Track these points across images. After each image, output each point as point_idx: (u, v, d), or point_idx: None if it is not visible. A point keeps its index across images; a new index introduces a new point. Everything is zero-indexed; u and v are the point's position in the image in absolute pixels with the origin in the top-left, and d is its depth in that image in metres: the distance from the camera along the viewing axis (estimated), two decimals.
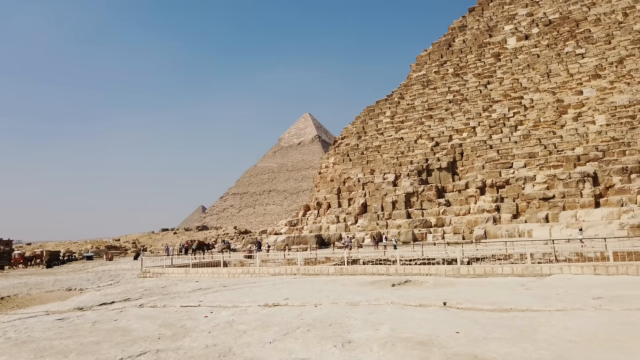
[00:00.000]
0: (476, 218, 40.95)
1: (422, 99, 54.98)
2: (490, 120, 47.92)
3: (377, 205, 47.62)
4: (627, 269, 19.94)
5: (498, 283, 20.24)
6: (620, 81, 43.41)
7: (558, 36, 50.60)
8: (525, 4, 56.15)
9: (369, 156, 52.88)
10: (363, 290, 19.78)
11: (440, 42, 60.09)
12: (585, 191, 37.37)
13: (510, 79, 50.18)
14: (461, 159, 46.85)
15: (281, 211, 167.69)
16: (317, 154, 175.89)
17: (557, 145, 41.79)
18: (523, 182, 40.88)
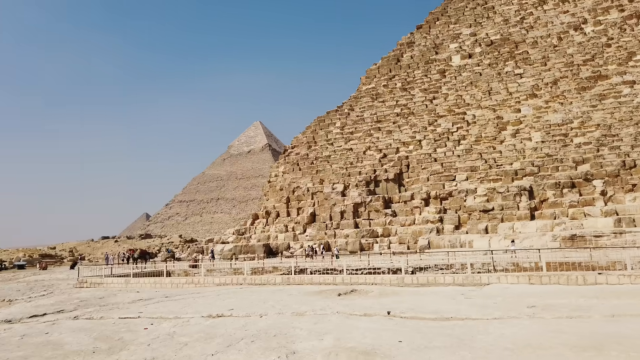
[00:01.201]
0: (421, 228, 42.06)
1: (371, 112, 56.11)
2: (435, 134, 49.56)
3: (325, 215, 47.91)
4: (558, 278, 21.08)
5: (440, 292, 20.82)
6: (555, 101, 46.21)
7: (499, 56, 53.27)
8: (469, 24, 58.80)
9: (318, 166, 53.22)
10: (309, 300, 19.76)
11: (389, 57, 61.69)
12: (522, 204, 39.33)
13: (455, 95, 52.22)
14: (407, 171, 48.08)
15: (229, 220, 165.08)
16: (267, 163, 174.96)
17: (496, 159, 43.79)
18: (465, 195, 42.47)
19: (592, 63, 47.13)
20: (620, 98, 43.07)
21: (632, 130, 40.11)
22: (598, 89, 44.87)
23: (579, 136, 42.14)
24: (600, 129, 41.52)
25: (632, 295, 17.30)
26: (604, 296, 17.38)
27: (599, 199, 37.07)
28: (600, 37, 48.94)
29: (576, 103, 44.74)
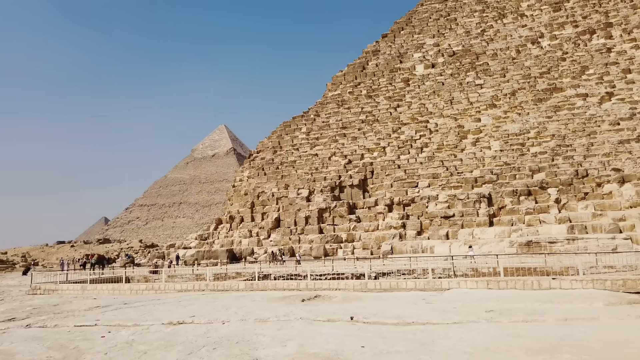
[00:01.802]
0: (384, 234, 42.60)
1: (337, 118, 56.53)
2: (399, 141, 50.40)
3: (290, 220, 47.82)
4: (515, 283, 21.79)
5: (402, 297, 21.15)
6: (513, 111, 47.88)
7: (460, 67, 54.79)
8: (433, 35, 60.25)
9: (284, 171, 53.13)
10: (273, 306, 19.67)
11: (355, 64, 62.40)
12: (481, 211, 40.46)
13: (418, 104, 53.31)
14: (372, 177, 48.65)
15: (192, 224, 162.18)
16: (231, 167, 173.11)
17: (457, 167, 44.92)
18: (427, 201, 43.34)
19: (548, 76, 49.15)
20: (574, 110, 45.06)
21: (585, 141, 42.01)
22: (553, 100, 46.80)
23: (535, 146, 43.78)
24: (555, 139, 43.28)
25: (584, 300, 18.09)
26: (558, 300, 18.09)
27: (554, 206, 38.58)
28: (556, 51, 51.11)
29: (533, 114, 46.50)
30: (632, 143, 40.20)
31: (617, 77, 46.09)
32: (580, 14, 53.60)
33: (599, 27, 51.25)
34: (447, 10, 62.35)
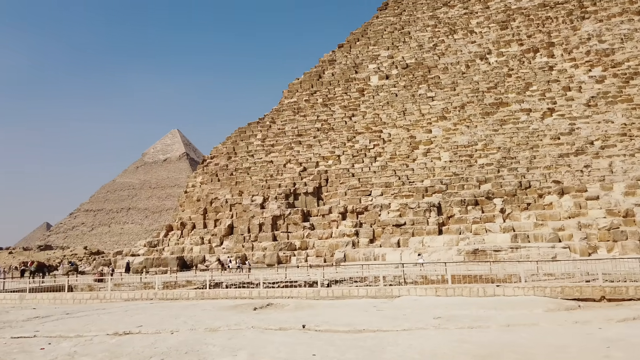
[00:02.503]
0: (337, 242, 42.96)
1: (293, 125, 56.66)
2: (353, 150, 51.10)
3: (244, 227, 47.34)
4: (462, 290, 22.54)
5: (354, 305, 21.39)
6: (462, 124, 49.67)
7: (413, 79, 56.35)
8: (387, 47, 61.67)
9: (238, 177, 52.59)
10: (224, 315, 19.39)
11: (311, 73, 62.86)
12: (431, 219, 41.61)
13: (372, 114, 54.31)
14: (326, 185, 49.01)
15: (141, 231, 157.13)
16: (184, 172, 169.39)
17: (409, 177, 46.04)
18: (379, 209, 44.11)
19: (495, 91, 51.39)
20: (518, 124, 47.30)
21: (528, 154, 44.15)
22: (499, 114, 48.95)
23: (483, 157, 45.56)
24: (500, 152, 45.22)
25: (525, 306, 18.95)
26: (501, 307, 18.86)
27: (499, 216, 40.23)
28: (502, 68, 53.56)
29: (480, 127, 48.43)
30: (571, 157, 42.62)
31: (558, 94, 48.82)
32: (525, 33, 56.47)
33: (542, 46, 54.19)
34: (402, 23, 64.07)
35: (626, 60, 49.55)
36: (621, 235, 35.47)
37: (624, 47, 50.90)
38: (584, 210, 38.27)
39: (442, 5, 64.06)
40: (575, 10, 56.56)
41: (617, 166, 40.55)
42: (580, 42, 53.13)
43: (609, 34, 52.77)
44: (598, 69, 49.94)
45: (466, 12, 62.00)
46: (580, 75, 50.01)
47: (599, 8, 55.81)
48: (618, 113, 45.05)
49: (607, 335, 13.48)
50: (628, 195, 38.16)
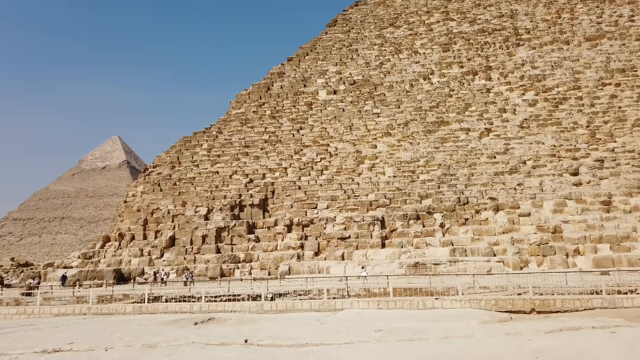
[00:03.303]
0: (282, 254, 42.82)
1: (240, 136, 56.20)
2: (300, 162, 51.36)
3: (186, 238, 46.16)
4: (403, 303, 23.11)
5: (297, 318, 21.39)
6: (406, 140, 51.28)
7: (360, 95, 57.67)
8: (336, 63, 62.84)
9: (181, 187, 51.33)
10: (163, 330, 18.79)
11: (260, 85, 62.82)
12: (375, 233, 42.46)
13: (320, 128, 54.95)
14: (272, 197, 48.85)
15: (75, 242, 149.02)
16: (124, 181, 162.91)
17: (354, 190, 46.83)
18: (325, 222, 44.49)
19: (437, 110, 53.54)
20: (458, 142, 49.45)
21: (466, 171, 46.19)
22: (441, 133, 50.98)
23: (424, 173, 47.18)
24: (441, 168, 47.03)
25: (462, 319, 19.72)
26: (439, 319, 19.52)
27: (438, 230, 41.69)
28: (444, 88, 55.96)
29: (423, 144, 50.19)
30: (506, 175, 45.03)
31: (494, 115, 51.58)
32: (465, 56, 59.40)
33: (481, 69, 57.19)
34: (350, 41, 65.55)
35: (556, 86, 53.24)
36: (550, 250, 37.76)
37: (554, 73, 54.70)
38: (517, 226, 40.45)
39: (389, 26, 66.24)
40: (511, 37, 60.23)
41: (547, 185, 43.26)
42: (515, 67, 56.55)
43: (541, 60, 56.56)
44: (531, 93, 53.29)
45: (411, 33, 64.42)
46: (515, 99, 53.14)
47: (533, 36, 59.77)
48: (548, 135, 48.18)
49: (536, 346, 14.28)
50: (556, 212, 40.76)
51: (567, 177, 43.69)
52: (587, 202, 41.07)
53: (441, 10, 66.71)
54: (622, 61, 54.28)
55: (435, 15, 66.32)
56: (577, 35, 58.60)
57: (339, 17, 70.34)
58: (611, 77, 52.77)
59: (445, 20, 65.11)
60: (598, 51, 56.24)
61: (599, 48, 56.61)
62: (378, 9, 69.72)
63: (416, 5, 68.64)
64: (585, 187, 42.49)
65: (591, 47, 56.93)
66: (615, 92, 51.10)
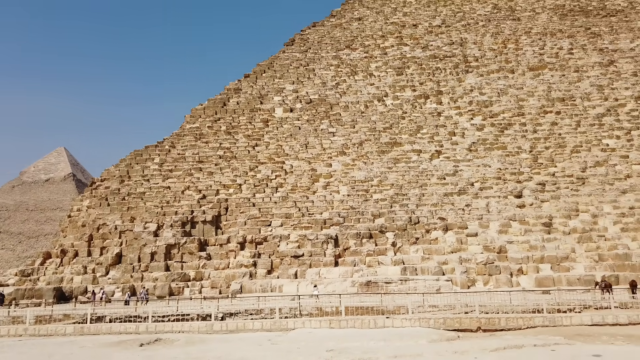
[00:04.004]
0: (234, 272, 42.14)
1: (194, 151, 55.31)
2: (255, 179, 51.07)
3: (133, 255, 44.57)
4: (354, 322, 23.25)
5: (248, 338, 21.05)
6: (360, 160, 52.15)
7: (316, 114, 58.32)
8: (292, 81, 63.39)
9: (130, 202, 49.70)
10: (105, 353, 18.00)
11: (216, 100, 62.30)
12: (328, 251, 42.65)
13: (276, 145, 55.00)
14: (226, 214, 48.17)
15: (12, 258, 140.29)
16: (69, 195, 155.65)
17: (309, 208, 46.98)
18: (279, 240, 44.27)
19: (390, 131, 54.91)
20: (410, 163, 50.80)
21: (417, 192, 47.44)
22: (394, 153, 52.25)
23: (377, 193, 48.04)
24: (393, 188, 48.07)
25: (411, 337, 20.05)
26: (390, 338, 19.77)
27: (390, 249, 42.43)
28: (397, 110, 57.56)
29: (376, 164, 51.21)
30: (454, 196, 46.58)
31: (444, 138, 53.46)
32: (417, 80, 61.50)
33: (432, 93, 59.33)
34: (307, 60, 66.42)
35: (502, 112, 55.96)
36: (495, 270, 39.20)
37: (500, 100, 57.52)
38: (465, 246, 41.80)
39: (345, 48, 67.71)
40: (460, 64, 62.99)
41: (493, 206, 45.09)
42: (464, 93, 59.06)
43: (488, 87, 59.39)
44: (479, 118, 55.71)
45: (366, 56, 66.10)
46: (464, 123, 55.38)
47: (481, 64, 62.77)
48: (494, 158, 50.40)
49: None
50: (502, 233, 42.49)
51: (512, 199, 45.73)
52: (529, 223, 43.09)
53: (395, 35, 68.97)
54: (562, 91, 57.88)
55: (389, 39, 68.44)
56: (522, 65, 62.07)
57: (297, 36, 71.26)
58: (552, 105, 56.08)
59: (399, 45, 67.30)
60: (540, 80, 59.73)
61: (541, 78, 60.15)
62: (335, 31, 71.22)
63: (372, 29, 70.66)
64: (528, 209, 44.61)
65: (534, 77, 60.40)
66: (556, 120, 54.31)
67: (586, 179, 47.10)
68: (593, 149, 50.59)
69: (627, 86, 57.60)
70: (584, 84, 58.59)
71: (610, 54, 62.56)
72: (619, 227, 42.11)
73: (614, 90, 57.29)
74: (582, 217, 43.35)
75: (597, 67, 60.81)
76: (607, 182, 46.44)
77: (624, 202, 44.15)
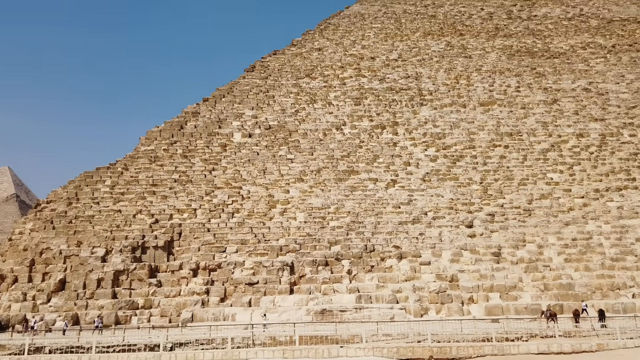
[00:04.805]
0: (186, 300, 40.89)
1: (148, 174, 53.96)
2: (211, 204, 50.27)
3: (79, 282, 42.47)
4: (308, 352, 23.00)
5: None
6: (317, 187, 52.50)
7: (275, 140, 58.52)
8: (252, 107, 63.55)
9: (78, 226, 47.59)
10: None
11: (173, 122, 61.38)
12: (284, 279, 42.24)
13: (233, 170, 54.57)
14: (179, 239, 46.97)
15: None
16: (11, 216, 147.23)
17: (265, 235, 46.58)
18: (233, 267, 43.49)
19: (348, 159, 55.77)
20: (366, 192, 51.61)
21: (373, 220, 48.10)
22: (351, 181, 52.97)
23: (334, 220, 48.34)
24: (350, 216, 48.54)
25: None
26: None
27: (346, 277, 42.53)
28: (355, 139, 58.67)
29: (334, 191, 51.70)
30: (409, 225, 47.53)
31: (399, 167, 54.81)
32: (375, 110, 63.14)
33: (389, 124, 60.99)
34: (267, 87, 66.95)
35: (454, 144, 58.12)
36: (447, 298, 39.97)
37: (452, 133, 59.80)
38: (418, 274, 42.52)
39: (305, 76, 68.83)
40: (415, 97, 65.31)
41: (445, 236, 46.30)
42: (419, 125, 61.06)
43: (442, 120, 61.71)
44: (432, 149, 57.58)
45: (326, 85, 67.42)
46: (418, 153, 57.06)
47: (435, 98, 65.32)
48: (447, 189, 52.03)
49: None
50: (453, 262, 43.57)
51: (463, 228, 47.14)
52: (480, 252, 44.45)
53: (354, 66, 70.87)
54: (509, 126, 60.91)
55: (348, 70, 70.20)
56: (472, 100, 65.05)
57: (258, 63, 71.85)
58: (501, 139, 58.84)
59: (357, 76, 69.11)
60: (490, 115, 62.70)
61: (490, 113, 63.17)
62: (295, 60, 72.37)
63: (331, 60, 72.33)
64: (479, 238, 46.08)
65: (484, 112, 63.37)
66: (504, 154, 56.91)
67: (532, 211, 49.30)
68: (538, 182, 53.19)
69: (569, 124, 61.36)
70: (530, 120, 61.94)
71: (554, 93, 66.70)
72: (562, 257, 44.12)
73: (558, 127, 60.86)
74: (529, 248, 45.17)
75: (542, 104, 64.58)
76: (552, 214, 48.78)
77: (567, 234, 46.42)
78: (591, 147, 57.93)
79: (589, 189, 52.09)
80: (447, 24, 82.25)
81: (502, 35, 79.54)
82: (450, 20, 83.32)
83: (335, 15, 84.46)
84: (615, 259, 43.74)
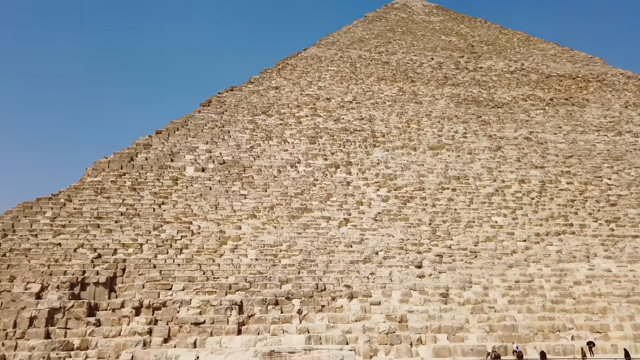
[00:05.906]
0: (126, 341, 38.72)
1: (93, 206, 51.76)
2: (158, 239, 48.64)
3: (8, 320, 39.39)
4: None
5: None
6: (270, 224, 52.08)
7: (229, 175, 58.01)
8: (206, 141, 63.04)
9: (12, 260, 44.53)
10: None
11: (122, 154, 59.71)
12: (232, 318, 40.98)
13: (184, 204, 53.35)
14: (122, 276, 44.86)
15: None
16: None
17: (214, 272, 45.35)
18: (179, 306, 41.83)
19: (301, 197, 55.95)
20: (319, 230, 51.69)
21: (325, 258, 48.04)
22: (304, 219, 52.97)
23: (286, 258, 47.88)
24: (302, 254, 48.27)
25: None
26: None
27: (296, 317, 41.82)
28: (309, 177, 59.14)
29: (287, 228, 51.44)
30: (360, 264, 47.79)
31: (352, 206, 55.49)
32: (329, 150, 64.19)
33: (342, 163, 62.04)
34: (222, 122, 66.85)
35: (405, 186, 59.72)
36: (397, 339, 40.01)
37: (403, 174, 61.54)
38: (369, 314, 42.47)
39: (261, 113, 69.42)
40: (369, 139, 67.11)
41: (395, 276, 46.81)
42: (371, 165, 62.49)
43: (393, 162, 63.50)
44: (384, 190, 58.87)
45: (282, 123, 68.16)
46: (371, 193, 58.13)
47: (387, 140, 67.34)
48: (397, 229, 53.01)
49: None
50: (403, 302, 43.93)
51: (413, 269, 47.89)
52: (428, 293, 45.12)
53: (310, 106, 72.29)
54: (457, 170, 63.46)
55: (304, 109, 71.48)
56: (422, 144, 67.57)
57: (214, 98, 71.88)
58: (449, 182, 61.06)
59: (313, 116, 70.42)
60: (439, 159, 65.18)
61: (439, 157, 65.70)
62: (252, 97, 73.02)
63: (287, 98, 73.52)
64: (428, 279, 46.87)
65: (433, 155, 65.84)
66: (452, 196, 58.98)
67: (478, 253, 50.92)
68: (484, 224, 55.25)
69: (512, 170, 64.71)
70: (475, 165, 64.84)
71: (497, 140, 70.47)
72: (506, 299, 45.50)
73: (501, 172, 64.02)
74: (475, 289, 46.34)
75: (487, 150, 67.94)
76: (496, 257, 50.56)
77: (511, 276, 48.11)
78: (532, 193, 61.13)
79: (530, 233, 54.57)
80: (400, 70, 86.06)
81: (450, 84, 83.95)
82: (403, 67, 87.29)
83: (293, 56, 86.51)
84: (555, 302, 45.59)
